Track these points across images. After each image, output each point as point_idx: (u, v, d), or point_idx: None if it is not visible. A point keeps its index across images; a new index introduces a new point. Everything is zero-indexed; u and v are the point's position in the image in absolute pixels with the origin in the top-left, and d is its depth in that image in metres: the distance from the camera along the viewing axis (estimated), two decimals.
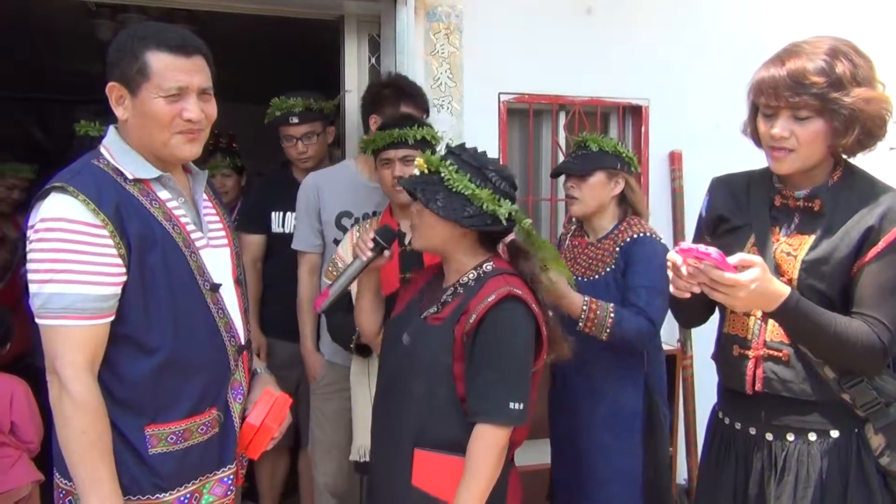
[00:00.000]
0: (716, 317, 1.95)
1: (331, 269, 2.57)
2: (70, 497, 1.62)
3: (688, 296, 1.62)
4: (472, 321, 1.78)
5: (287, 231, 3.14)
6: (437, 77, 3.20)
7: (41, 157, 4.41)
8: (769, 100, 1.68)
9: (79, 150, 3.03)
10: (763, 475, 1.76)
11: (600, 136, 2.55)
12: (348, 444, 2.61)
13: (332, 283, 1.93)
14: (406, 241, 1.93)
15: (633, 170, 2.54)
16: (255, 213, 3.22)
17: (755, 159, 1.86)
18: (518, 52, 3.35)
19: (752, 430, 1.80)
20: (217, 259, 1.76)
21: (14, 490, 2.69)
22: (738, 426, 1.83)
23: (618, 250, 2.44)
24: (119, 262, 1.56)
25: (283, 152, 3.27)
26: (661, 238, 2.48)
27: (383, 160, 2.43)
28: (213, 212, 1.84)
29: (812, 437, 1.71)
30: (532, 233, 1.93)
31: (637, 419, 2.44)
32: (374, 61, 3.32)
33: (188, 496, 1.66)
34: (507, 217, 1.84)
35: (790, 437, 1.73)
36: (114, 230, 1.55)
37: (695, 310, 1.90)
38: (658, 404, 2.48)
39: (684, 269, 1.58)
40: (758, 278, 1.55)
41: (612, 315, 2.28)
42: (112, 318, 1.57)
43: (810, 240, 1.70)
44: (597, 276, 2.46)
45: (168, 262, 1.63)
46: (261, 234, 3.20)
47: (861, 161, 1.77)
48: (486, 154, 1.91)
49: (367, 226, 2.55)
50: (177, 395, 1.64)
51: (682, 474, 3.63)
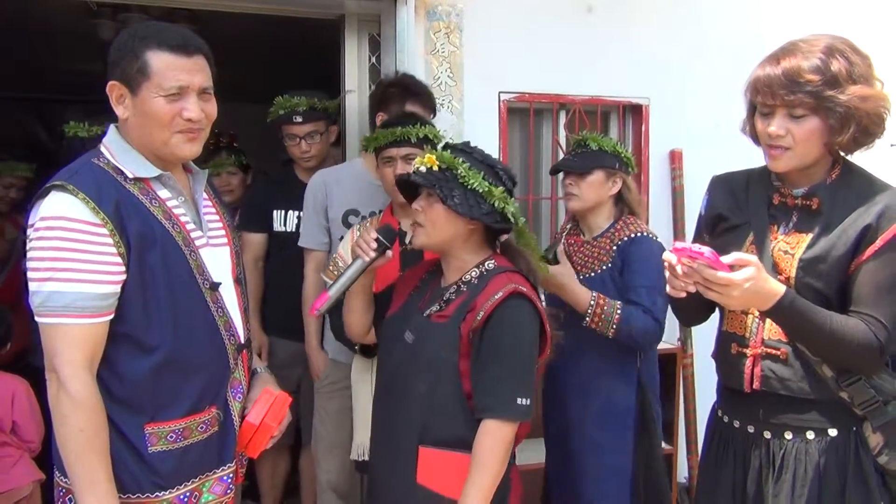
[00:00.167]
0: (716, 315, 1.95)
1: (331, 268, 2.57)
2: (70, 495, 1.62)
3: (683, 295, 1.62)
4: (479, 318, 1.78)
5: (289, 230, 3.14)
6: (438, 76, 3.20)
7: (42, 156, 4.41)
8: (765, 98, 1.69)
9: (69, 151, 3.05)
10: (761, 473, 1.76)
11: (600, 136, 2.58)
12: (351, 443, 2.61)
13: (331, 285, 1.91)
14: (407, 240, 1.93)
15: (630, 170, 2.58)
16: (257, 212, 3.21)
17: (755, 158, 1.86)
18: (518, 51, 3.35)
19: (751, 429, 1.80)
20: (217, 258, 1.76)
21: (15, 490, 2.69)
22: (736, 424, 1.83)
23: (615, 249, 2.45)
24: (119, 260, 1.56)
25: (283, 151, 3.27)
26: (657, 237, 2.49)
27: (385, 158, 2.43)
28: (213, 211, 1.84)
29: (810, 435, 1.71)
30: (525, 231, 1.95)
31: (629, 416, 2.45)
32: (374, 60, 3.32)
33: (188, 495, 1.66)
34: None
35: (788, 435, 1.73)
36: (113, 229, 1.55)
37: (694, 308, 1.90)
38: (650, 401, 2.48)
39: (679, 269, 1.58)
40: (752, 277, 1.54)
41: (619, 312, 2.31)
42: (111, 317, 1.57)
43: (808, 238, 1.70)
44: (593, 274, 2.47)
45: (168, 260, 1.63)
46: (262, 232, 3.20)
47: (862, 158, 1.77)
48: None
49: (367, 225, 2.55)
50: (176, 393, 1.64)
51: (682, 472, 3.63)
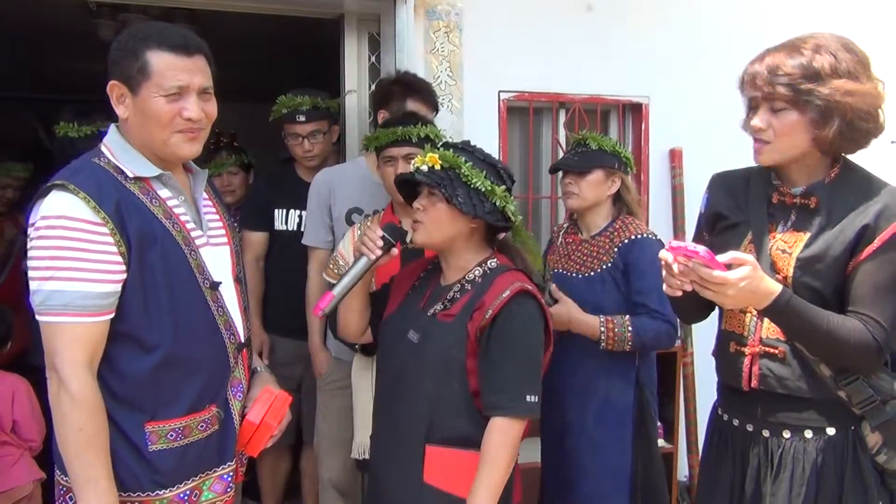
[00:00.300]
0: (717, 313, 1.94)
1: (332, 266, 2.57)
2: (70, 494, 1.62)
3: (679, 294, 1.62)
4: (487, 316, 1.79)
5: (290, 228, 3.14)
6: (437, 75, 3.21)
7: (42, 156, 4.41)
8: (750, 91, 1.71)
9: (61, 152, 3.05)
10: (759, 472, 1.76)
11: (600, 135, 2.59)
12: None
13: (335, 284, 1.90)
14: (408, 239, 1.93)
15: (629, 170, 2.59)
16: (258, 211, 3.21)
17: None
18: (518, 50, 3.35)
19: (749, 427, 1.79)
20: (217, 257, 1.77)
21: (16, 489, 2.69)
22: (735, 423, 1.83)
23: (616, 250, 2.45)
24: (119, 259, 1.56)
25: (283, 150, 3.27)
26: (657, 237, 2.49)
27: (386, 157, 2.43)
28: (213, 210, 1.84)
29: (808, 434, 1.70)
30: (521, 229, 1.98)
31: (627, 415, 2.45)
32: (373, 60, 3.32)
33: (188, 493, 1.67)
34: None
35: (786, 433, 1.73)
36: (114, 228, 1.55)
37: (693, 306, 1.90)
38: (649, 401, 2.49)
39: (676, 268, 1.58)
40: (747, 276, 1.54)
41: (629, 328, 2.35)
42: (112, 316, 1.57)
43: (805, 237, 1.69)
44: (592, 273, 2.47)
45: (168, 259, 1.63)
46: (264, 231, 3.20)
47: (862, 156, 1.76)
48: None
49: (367, 224, 2.55)
50: (177, 392, 1.65)
51: (682, 471, 3.63)
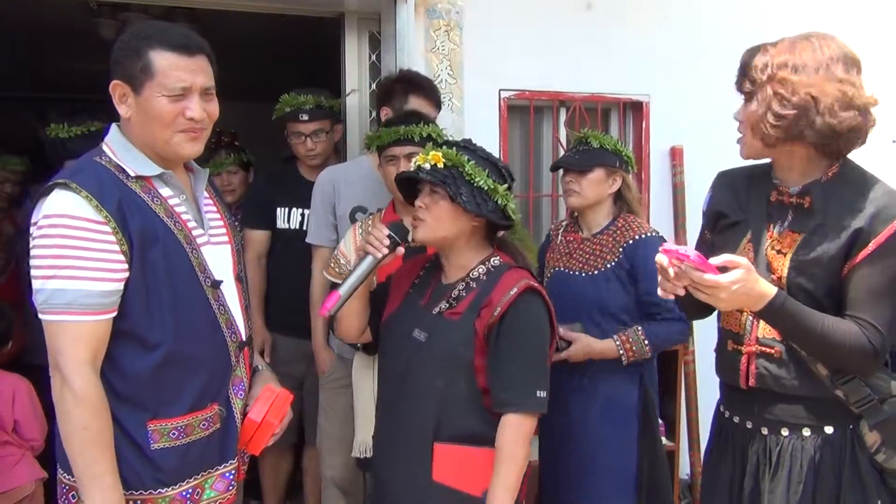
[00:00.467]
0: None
1: (332, 265, 2.57)
2: (73, 492, 1.62)
3: (672, 297, 1.63)
4: (496, 314, 1.80)
5: (292, 227, 3.14)
6: (438, 74, 3.21)
7: (43, 156, 4.40)
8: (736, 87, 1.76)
9: (53, 152, 3.05)
10: (759, 469, 1.76)
11: (601, 134, 2.59)
12: None
13: (341, 284, 1.89)
14: (409, 237, 1.93)
15: (630, 169, 2.60)
16: (260, 209, 3.21)
17: None
18: (518, 49, 3.35)
19: (749, 424, 1.79)
20: (218, 256, 1.77)
21: (18, 488, 2.69)
22: (735, 420, 1.83)
23: (621, 249, 2.45)
24: (121, 258, 1.56)
25: (285, 149, 3.27)
26: (661, 235, 2.50)
27: (388, 157, 2.43)
28: (214, 209, 1.85)
29: (806, 432, 1.70)
30: (519, 227, 1.98)
31: (632, 413, 2.46)
32: (374, 58, 3.33)
33: (190, 491, 1.67)
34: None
35: (784, 431, 1.72)
36: (116, 226, 1.55)
37: (695, 305, 1.90)
38: (653, 399, 2.49)
39: (671, 271, 1.58)
40: (740, 279, 1.53)
41: (644, 339, 2.39)
42: (114, 315, 1.58)
43: (800, 238, 1.68)
44: (596, 272, 2.47)
45: (170, 258, 1.63)
46: (266, 229, 3.20)
47: (863, 155, 1.75)
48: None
49: (368, 223, 2.55)
50: (179, 390, 1.65)
51: (684, 469, 3.63)
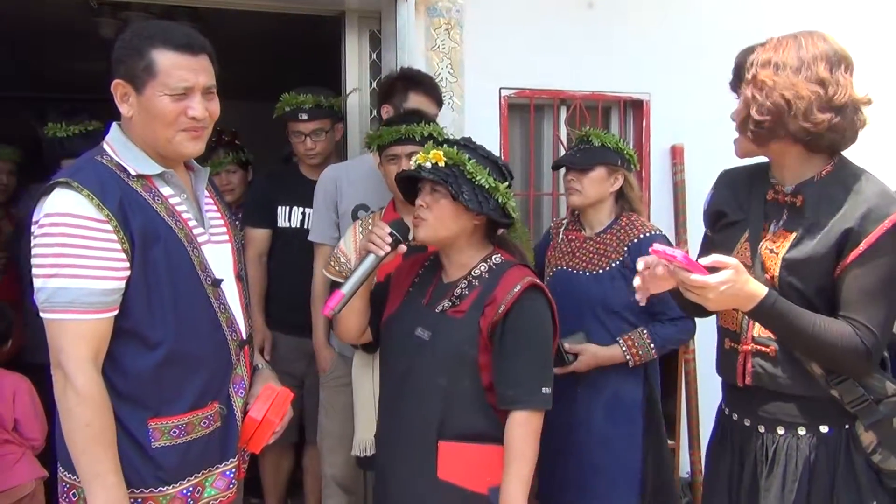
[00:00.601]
0: None
1: (332, 263, 2.57)
2: (74, 491, 1.63)
3: (644, 303, 1.66)
4: (500, 311, 1.81)
5: (293, 226, 3.15)
6: (438, 72, 3.21)
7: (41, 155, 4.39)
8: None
9: (50, 152, 3.05)
10: (757, 467, 1.76)
11: (603, 132, 2.59)
12: None
13: (343, 283, 1.89)
14: (410, 236, 1.93)
15: (633, 167, 2.59)
16: (261, 208, 3.22)
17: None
18: (519, 47, 3.35)
19: (747, 422, 1.79)
20: (218, 255, 1.77)
21: (18, 487, 2.69)
22: (735, 417, 1.84)
23: (626, 248, 2.46)
24: (123, 256, 1.56)
25: (285, 147, 3.27)
26: (664, 234, 2.50)
27: (389, 156, 2.43)
28: (215, 208, 1.85)
29: (801, 431, 1.70)
30: (518, 225, 2.00)
31: (637, 411, 2.46)
32: (374, 57, 3.32)
33: (191, 489, 1.67)
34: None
35: (780, 430, 1.72)
36: (118, 225, 1.56)
37: (691, 305, 1.90)
38: (657, 396, 2.50)
39: (659, 269, 1.59)
40: (728, 280, 1.53)
41: (649, 342, 2.40)
42: (116, 313, 1.58)
43: (792, 237, 1.67)
44: (600, 271, 2.48)
45: (171, 257, 1.64)
46: (266, 228, 3.20)
47: (865, 152, 1.75)
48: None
49: (369, 221, 2.56)
50: (179, 389, 1.65)
51: (684, 467, 3.63)
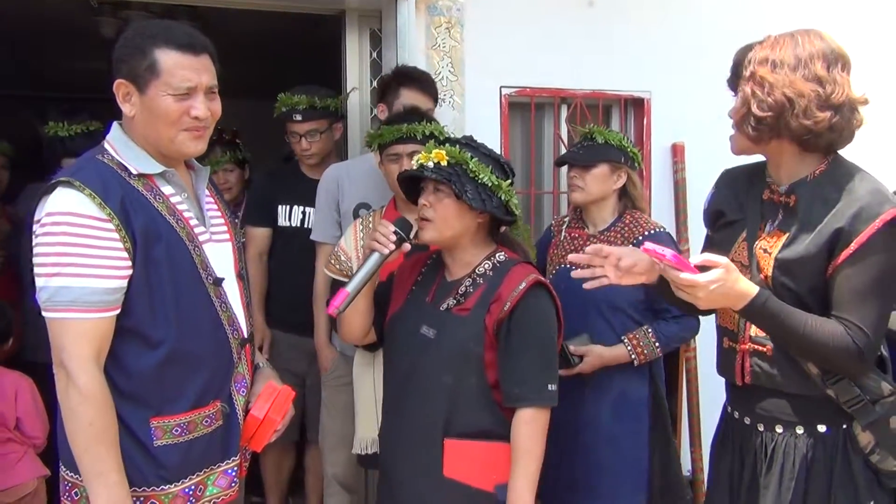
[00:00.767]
0: None
1: (333, 262, 2.57)
2: (76, 489, 1.63)
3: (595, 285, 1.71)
4: (506, 309, 1.81)
5: (293, 225, 3.15)
6: (439, 71, 3.20)
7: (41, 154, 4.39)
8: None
9: (51, 151, 3.04)
10: (756, 465, 1.76)
11: (606, 129, 2.58)
12: None
13: (348, 282, 1.88)
14: (411, 235, 1.93)
15: (636, 165, 2.58)
16: (262, 207, 3.22)
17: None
18: (519, 46, 3.34)
19: (747, 420, 1.80)
20: (219, 253, 1.78)
21: (20, 486, 2.70)
22: (736, 415, 1.84)
23: (630, 246, 2.44)
24: (125, 255, 1.57)
25: (286, 146, 3.27)
26: (668, 231, 2.51)
27: (391, 155, 2.43)
28: (215, 207, 1.85)
29: (799, 430, 1.70)
30: (520, 222, 2.01)
31: (643, 408, 2.47)
32: (375, 56, 3.32)
33: (192, 488, 1.68)
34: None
35: (779, 428, 1.72)
36: (119, 224, 1.56)
37: (687, 303, 1.90)
38: (663, 394, 2.50)
39: (624, 262, 1.61)
40: (718, 279, 1.53)
41: (654, 340, 2.41)
42: (118, 312, 1.58)
43: (785, 237, 1.67)
44: None
45: (172, 256, 1.64)
46: (267, 227, 3.20)
47: (865, 151, 1.75)
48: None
49: (370, 220, 2.55)
50: (181, 387, 1.66)
51: (685, 466, 3.63)
